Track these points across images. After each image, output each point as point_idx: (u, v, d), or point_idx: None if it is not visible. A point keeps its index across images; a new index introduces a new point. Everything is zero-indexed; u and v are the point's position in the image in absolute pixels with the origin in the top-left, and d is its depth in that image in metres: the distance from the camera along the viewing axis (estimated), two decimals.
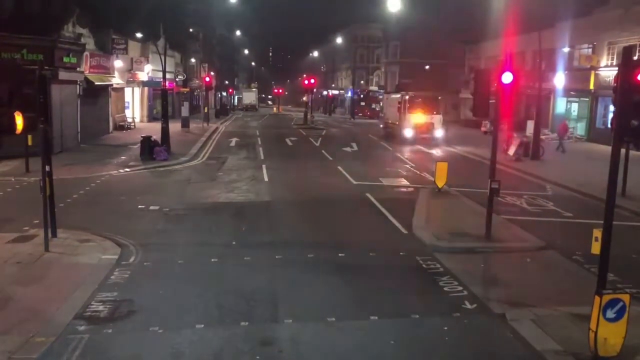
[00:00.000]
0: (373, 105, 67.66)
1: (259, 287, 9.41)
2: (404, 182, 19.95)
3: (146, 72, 39.42)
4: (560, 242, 12.22)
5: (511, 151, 25.87)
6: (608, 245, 7.35)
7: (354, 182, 19.42)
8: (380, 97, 64.51)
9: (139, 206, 15.05)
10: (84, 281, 9.49)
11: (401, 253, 11.32)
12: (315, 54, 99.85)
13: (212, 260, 10.65)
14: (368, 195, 16.96)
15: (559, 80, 37.52)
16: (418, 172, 22.12)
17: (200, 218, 14.13)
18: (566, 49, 37.37)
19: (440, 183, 17.16)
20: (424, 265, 10.61)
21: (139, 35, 37.54)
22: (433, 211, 14.50)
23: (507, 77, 10.83)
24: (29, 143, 18.54)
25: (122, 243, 11.62)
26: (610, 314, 6.61)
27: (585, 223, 14.49)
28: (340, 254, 11.14)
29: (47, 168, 11.35)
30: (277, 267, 10.39)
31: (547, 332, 7.64)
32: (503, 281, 9.91)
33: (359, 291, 9.31)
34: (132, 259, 10.71)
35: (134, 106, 40.24)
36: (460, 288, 9.42)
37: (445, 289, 9.44)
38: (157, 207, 14.92)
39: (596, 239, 7.73)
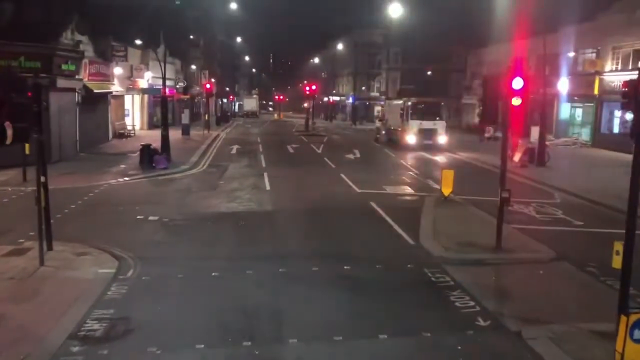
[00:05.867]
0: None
1: (262, 303, 9.01)
2: (409, 189, 19.56)
3: (146, 79, 39.15)
4: (573, 252, 11.83)
5: (516, 157, 25.50)
6: (630, 260, 6.97)
7: (358, 190, 19.03)
8: (382, 103, 64.21)
9: (138, 217, 14.67)
10: (79, 297, 9.09)
11: (409, 265, 10.91)
12: (316, 60, 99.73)
13: (213, 274, 10.25)
14: (372, 204, 16.57)
15: (563, 85, 37.20)
16: (422, 180, 21.75)
17: (200, 229, 13.74)
18: (570, 54, 37.08)
19: (447, 191, 16.75)
20: (433, 279, 10.20)
21: (138, 42, 37.27)
22: (440, 220, 14.09)
23: (517, 83, 10.46)
24: (27, 152, 18.18)
25: (120, 256, 11.23)
26: (638, 334, 6.19)
27: (597, 232, 14.16)
28: (345, 267, 10.73)
29: (43, 179, 11.00)
30: (280, 282, 9.99)
31: (567, 351, 7.22)
32: (516, 295, 9.50)
33: (366, 307, 8.89)
34: (129, 273, 10.31)
35: (134, 114, 39.94)
36: (472, 303, 9.00)
37: (456, 304, 9.02)
38: (156, 218, 14.54)
39: (617, 253, 7.34)
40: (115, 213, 15.15)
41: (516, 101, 10.37)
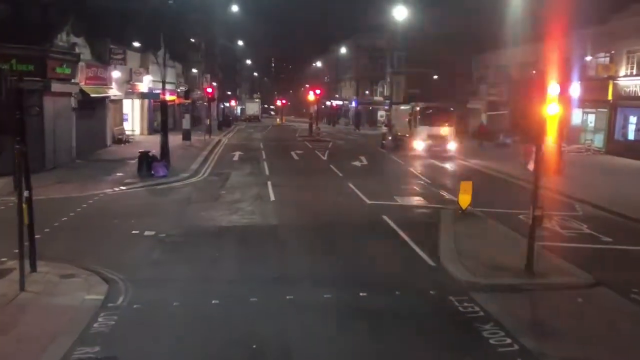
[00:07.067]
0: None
1: (268, 337, 7.91)
2: (422, 201, 18.43)
3: (146, 83, 38.12)
4: (609, 275, 10.70)
5: (531, 166, 24.36)
6: None
7: (368, 202, 17.90)
8: (386, 107, 63.10)
9: (133, 231, 13.59)
10: (62, 330, 8.00)
11: (431, 292, 9.78)
12: (319, 64, 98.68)
13: (213, 301, 9.15)
14: (385, 217, 15.45)
15: (575, 90, 36.06)
16: (434, 190, 20.62)
17: (199, 246, 12.65)
18: (583, 58, 35.97)
19: (464, 203, 15.62)
20: (460, 308, 9.06)
21: (138, 45, 36.22)
22: (460, 238, 12.95)
23: (554, 89, 9.39)
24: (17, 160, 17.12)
25: (110, 278, 10.15)
26: None
27: (629, 250, 13.12)
28: (361, 294, 9.60)
29: (26, 193, 9.97)
30: (288, 311, 8.88)
31: None
32: (557, 329, 8.37)
33: (388, 344, 7.79)
34: (120, 300, 9.22)
35: (133, 118, 38.90)
36: (508, 340, 7.86)
37: (490, 341, 7.87)
38: (152, 233, 13.44)
39: None
40: (108, 227, 14.07)
41: (553, 109, 9.29)
